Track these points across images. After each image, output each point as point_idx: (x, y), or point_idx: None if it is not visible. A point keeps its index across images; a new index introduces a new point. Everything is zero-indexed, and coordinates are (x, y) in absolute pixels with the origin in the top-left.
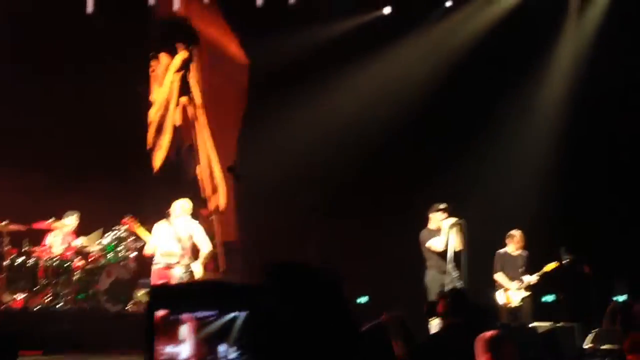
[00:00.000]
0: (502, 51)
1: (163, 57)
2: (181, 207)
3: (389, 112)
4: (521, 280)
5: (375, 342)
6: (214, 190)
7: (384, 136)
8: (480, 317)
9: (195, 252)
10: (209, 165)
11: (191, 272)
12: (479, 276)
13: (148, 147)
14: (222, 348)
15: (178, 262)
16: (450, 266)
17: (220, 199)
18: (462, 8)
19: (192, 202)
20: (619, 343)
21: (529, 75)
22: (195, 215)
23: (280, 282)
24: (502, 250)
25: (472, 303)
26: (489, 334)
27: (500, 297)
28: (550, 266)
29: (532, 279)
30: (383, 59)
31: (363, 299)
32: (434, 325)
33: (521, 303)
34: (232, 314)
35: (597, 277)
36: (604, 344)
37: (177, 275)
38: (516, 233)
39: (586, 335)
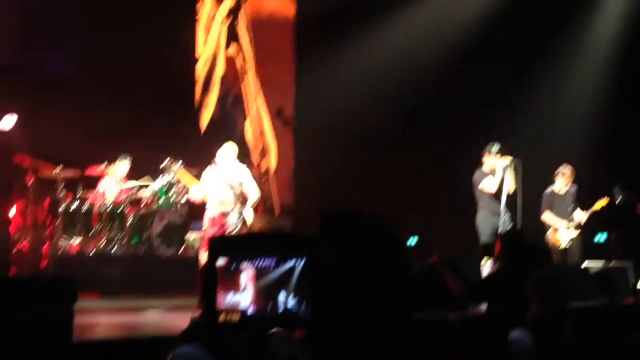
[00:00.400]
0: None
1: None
2: (229, 152)
3: (441, 53)
4: (571, 219)
5: (428, 283)
6: (265, 151)
7: (434, 77)
8: (535, 258)
9: (244, 198)
10: (259, 122)
11: (244, 218)
12: (533, 217)
13: (196, 106)
14: (281, 296)
15: (232, 210)
16: (502, 207)
17: (271, 160)
18: None
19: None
20: None
21: (578, 16)
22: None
23: (336, 230)
24: (549, 189)
25: (528, 244)
26: (537, 275)
27: (549, 237)
28: (601, 203)
29: (582, 216)
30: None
31: (412, 240)
32: (486, 266)
33: (570, 243)
34: (290, 263)
35: None
36: None
37: (232, 222)
38: (566, 169)
39: None
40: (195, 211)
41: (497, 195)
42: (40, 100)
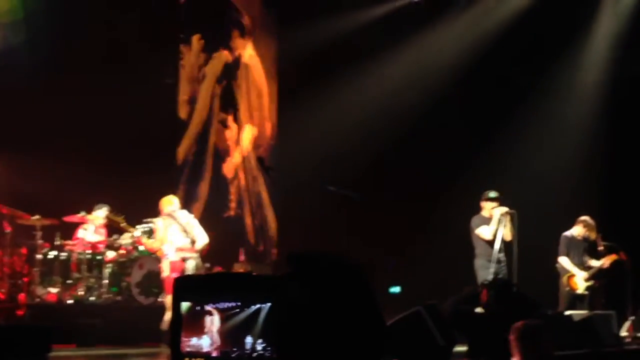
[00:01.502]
0: (536, 34)
1: (195, 41)
2: (174, 202)
3: (423, 99)
4: (588, 267)
5: (413, 329)
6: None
7: (421, 122)
8: (522, 307)
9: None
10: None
11: (197, 264)
12: (528, 266)
13: (179, 162)
14: (248, 340)
15: (191, 255)
16: (499, 255)
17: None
18: None
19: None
20: None
21: (566, 57)
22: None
23: (304, 272)
24: (568, 233)
25: (516, 293)
26: (520, 323)
27: (565, 282)
28: (612, 257)
29: (600, 264)
30: (416, 45)
31: (396, 289)
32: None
33: (587, 291)
34: (257, 306)
35: (634, 265)
36: None
37: (190, 267)
38: (588, 219)
39: (623, 323)
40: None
41: (493, 242)
42: (17, 149)
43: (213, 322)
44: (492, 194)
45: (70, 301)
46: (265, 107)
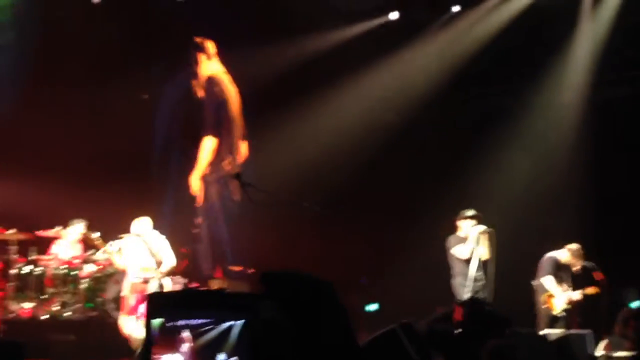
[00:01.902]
0: (514, 54)
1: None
2: (146, 222)
3: (400, 117)
4: (567, 291)
5: (389, 347)
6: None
7: (398, 141)
8: (494, 325)
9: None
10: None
11: (162, 284)
12: (505, 284)
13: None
14: (220, 357)
15: (154, 276)
16: (476, 274)
17: None
18: (470, 13)
19: None
20: (631, 350)
21: (543, 77)
22: None
23: (276, 290)
24: (553, 255)
25: (488, 311)
26: (491, 343)
27: (543, 300)
28: (592, 290)
29: (576, 296)
30: (393, 64)
31: (374, 307)
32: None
33: (563, 313)
34: (229, 323)
35: (608, 284)
36: (616, 351)
37: (152, 288)
38: (576, 248)
39: (598, 343)
40: None
41: (469, 261)
42: None
43: (185, 339)
44: (469, 213)
45: (45, 316)
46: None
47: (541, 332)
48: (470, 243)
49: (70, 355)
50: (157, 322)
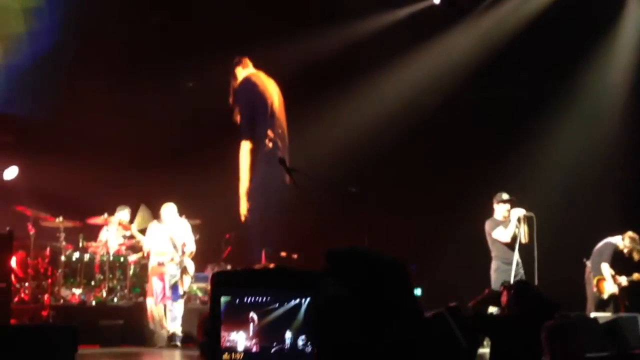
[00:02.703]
0: (561, 34)
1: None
2: (171, 209)
3: (442, 100)
4: (621, 280)
5: (436, 331)
6: None
7: (441, 124)
8: (543, 308)
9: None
10: None
11: (184, 267)
12: (548, 269)
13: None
14: (288, 335)
15: (171, 260)
16: (516, 258)
17: None
18: None
19: None
20: None
21: (591, 58)
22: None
23: (342, 268)
24: (613, 241)
25: (536, 294)
26: (551, 322)
27: (593, 283)
28: (638, 276)
29: (624, 281)
30: (434, 47)
31: (417, 292)
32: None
33: (610, 297)
34: (295, 301)
35: None
36: None
37: (170, 271)
38: (636, 235)
39: None
40: (198, 261)
41: (511, 244)
42: (42, 151)
43: (252, 316)
44: (505, 196)
45: (93, 302)
46: None
47: (591, 315)
48: (512, 226)
49: (119, 339)
50: (223, 300)
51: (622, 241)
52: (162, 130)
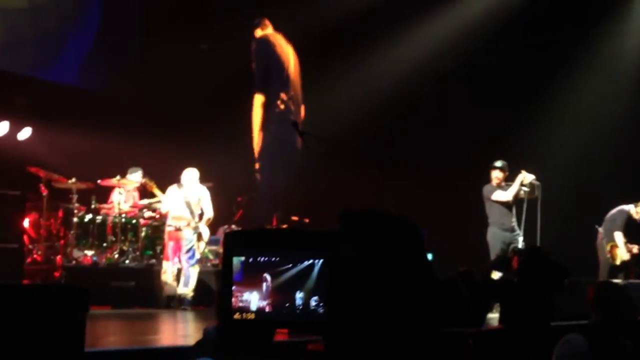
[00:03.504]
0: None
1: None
2: (191, 174)
3: (453, 66)
4: (632, 246)
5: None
6: None
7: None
8: (554, 273)
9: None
10: None
11: (200, 233)
12: (551, 238)
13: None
14: (300, 295)
15: (187, 225)
16: (513, 224)
17: None
18: None
19: None
20: None
21: (606, 23)
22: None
23: (358, 228)
24: (626, 208)
25: (547, 259)
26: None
27: (606, 249)
28: None
29: (635, 249)
30: (446, 12)
31: (428, 256)
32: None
33: (622, 263)
34: (308, 262)
35: None
36: None
37: (186, 236)
38: None
39: None
40: (210, 224)
41: (509, 210)
42: (53, 113)
43: (265, 277)
44: (500, 163)
45: (105, 264)
46: None
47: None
48: (514, 187)
49: (130, 301)
50: (236, 260)
51: (635, 208)
52: (176, 92)
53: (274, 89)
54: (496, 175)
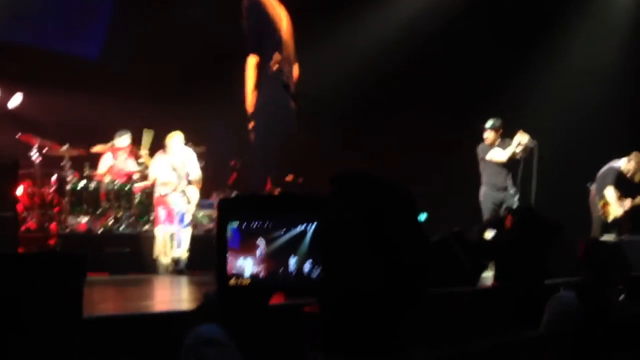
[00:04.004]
0: None
1: None
2: (176, 138)
3: (447, 22)
4: (626, 202)
5: (441, 255)
6: None
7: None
8: (547, 231)
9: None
10: None
11: (187, 197)
12: (545, 198)
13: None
14: (294, 260)
15: (174, 190)
16: (507, 183)
17: None
18: None
19: None
20: None
21: None
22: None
23: (351, 191)
24: (616, 164)
25: (540, 218)
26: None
27: (598, 206)
28: None
29: (627, 204)
30: None
31: (422, 217)
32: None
33: (614, 220)
34: (301, 226)
35: None
36: None
37: (174, 200)
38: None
39: None
40: (204, 188)
41: (501, 170)
42: (44, 80)
43: (259, 242)
44: (496, 121)
45: (99, 230)
46: None
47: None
48: (512, 147)
49: (126, 267)
50: (230, 226)
51: (626, 163)
52: (167, 56)
53: (267, 50)
54: (487, 136)
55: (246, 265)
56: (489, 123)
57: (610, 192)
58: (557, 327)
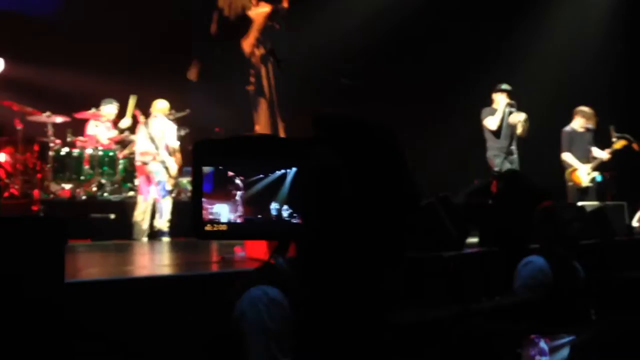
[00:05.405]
0: None
1: None
2: (157, 107)
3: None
4: (592, 158)
5: (426, 220)
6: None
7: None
8: (532, 197)
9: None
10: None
11: (167, 167)
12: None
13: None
14: (273, 206)
15: (153, 159)
16: (511, 147)
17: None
18: None
19: None
20: None
21: None
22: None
23: (334, 134)
24: (568, 128)
25: (525, 183)
26: (546, 203)
27: (568, 176)
28: (622, 142)
29: (603, 155)
30: None
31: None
32: None
33: (590, 183)
34: (281, 171)
35: None
36: None
37: (154, 169)
38: (586, 108)
39: (635, 214)
40: (187, 154)
41: (500, 134)
42: (26, 46)
43: (236, 187)
44: (503, 86)
45: (83, 197)
46: None
47: (578, 204)
48: (499, 114)
49: (110, 233)
50: (206, 170)
51: (576, 122)
52: (152, 21)
53: None
54: (498, 99)
55: (222, 211)
56: (497, 87)
57: (568, 158)
58: (530, 292)
